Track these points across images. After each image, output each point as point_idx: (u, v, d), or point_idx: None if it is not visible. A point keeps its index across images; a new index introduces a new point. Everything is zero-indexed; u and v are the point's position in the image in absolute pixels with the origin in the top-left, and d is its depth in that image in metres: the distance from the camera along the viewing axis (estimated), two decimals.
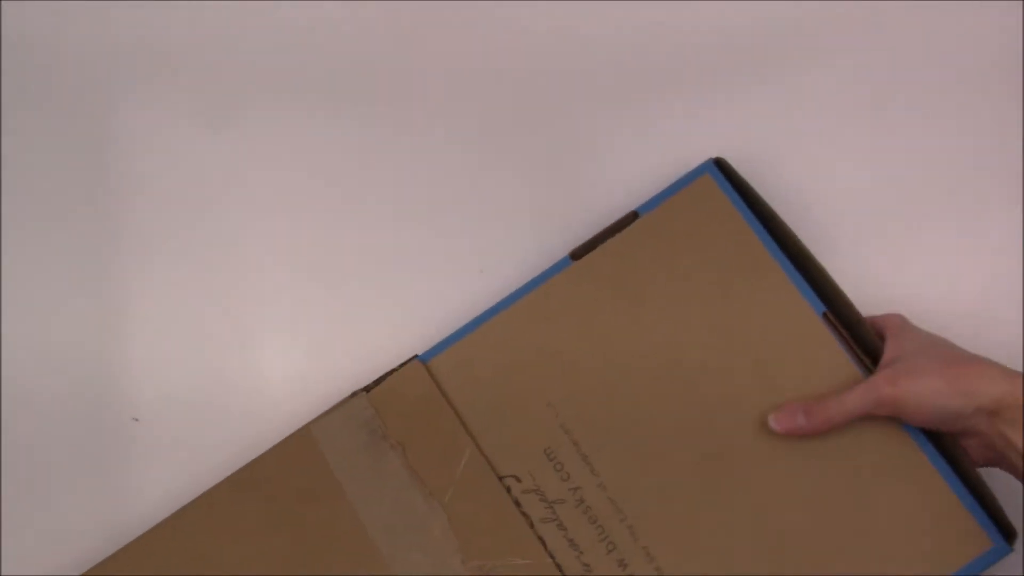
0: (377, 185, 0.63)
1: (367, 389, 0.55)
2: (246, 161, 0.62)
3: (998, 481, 0.53)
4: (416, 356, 0.55)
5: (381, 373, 0.56)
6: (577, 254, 0.56)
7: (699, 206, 0.56)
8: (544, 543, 0.52)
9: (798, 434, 0.51)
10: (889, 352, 0.51)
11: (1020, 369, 0.48)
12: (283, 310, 0.61)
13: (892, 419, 0.51)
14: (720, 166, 0.56)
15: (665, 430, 0.53)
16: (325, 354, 0.60)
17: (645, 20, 0.61)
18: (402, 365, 0.55)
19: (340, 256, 0.61)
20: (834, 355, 0.53)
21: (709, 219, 0.56)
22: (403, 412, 0.54)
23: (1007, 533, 0.49)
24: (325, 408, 0.57)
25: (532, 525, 0.52)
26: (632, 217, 0.56)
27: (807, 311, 0.53)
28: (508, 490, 0.52)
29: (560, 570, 0.51)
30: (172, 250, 0.61)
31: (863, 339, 0.53)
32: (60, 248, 0.62)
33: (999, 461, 0.50)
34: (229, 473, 0.55)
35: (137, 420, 0.60)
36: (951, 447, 0.50)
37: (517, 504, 0.52)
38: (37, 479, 0.60)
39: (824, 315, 0.53)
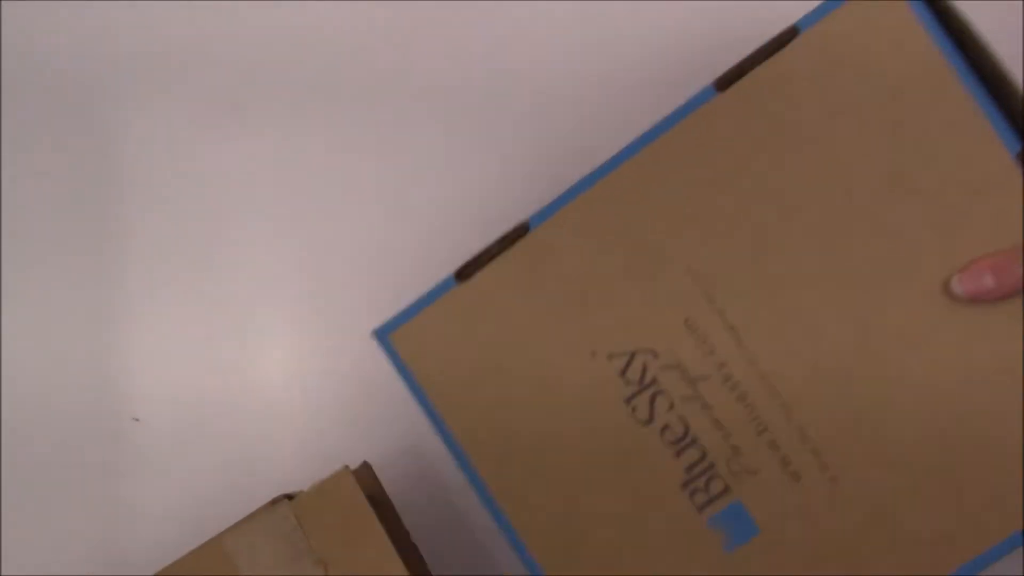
0: (378, 185, 0.62)
1: (290, 496, 0.50)
2: (248, 161, 0.62)
3: None
4: (347, 467, 0.50)
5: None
6: (724, 82, 0.47)
7: (875, 17, 0.46)
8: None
9: (986, 298, 0.44)
10: None
11: None
12: (284, 310, 0.61)
13: None
14: None
15: (824, 295, 0.45)
16: (327, 354, 0.60)
17: (648, 21, 0.61)
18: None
19: (342, 256, 0.61)
20: None
21: (886, 33, 0.46)
22: (329, 523, 0.49)
23: None
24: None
25: (673, 405, 0.46)
26: (792, 34, 0.47)
27: (999, 150, 0.45)
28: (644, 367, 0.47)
29: None
30: (173, 249, 0.61)
31: None
32: (60, 248, 0.62)
33: None
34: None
35: (138, 420, 0.60)
36: None
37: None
38: (37, 479, 0.60)
39: (1019, 155, 0.45)
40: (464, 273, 0.49)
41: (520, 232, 0.49)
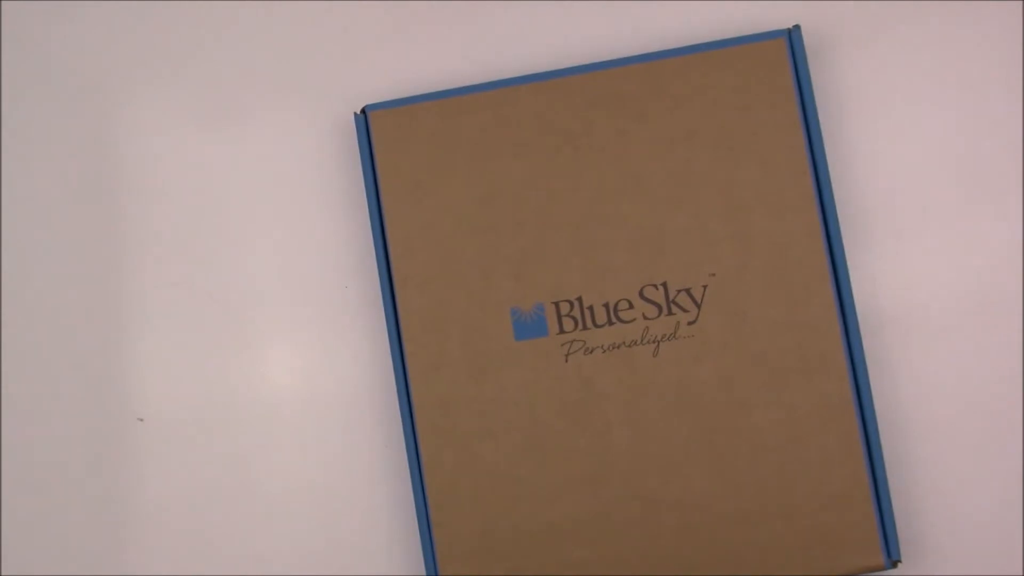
0: None
1: None
2: (249, 161, 0.62)
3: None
4: None
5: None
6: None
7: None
8: None
9: None
10: None
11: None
12: (287, 310, 0.61)
13: None
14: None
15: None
16: (329, 354, 0.61)
17: (650, 22, 0.61)
18: None
19: (344, 255, 0.61)
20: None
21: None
22: None
23: None
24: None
25: None
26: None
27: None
28: None
29: None
30: (175, 249, 0.61)
31: None
32: (62, 247, 0.62)
33: None
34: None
35: (142, 420, 0.60)
36: None
37: None
38: (40, 478, 0.60)
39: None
40: None
41: None
